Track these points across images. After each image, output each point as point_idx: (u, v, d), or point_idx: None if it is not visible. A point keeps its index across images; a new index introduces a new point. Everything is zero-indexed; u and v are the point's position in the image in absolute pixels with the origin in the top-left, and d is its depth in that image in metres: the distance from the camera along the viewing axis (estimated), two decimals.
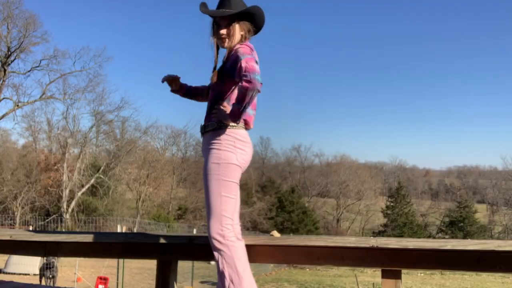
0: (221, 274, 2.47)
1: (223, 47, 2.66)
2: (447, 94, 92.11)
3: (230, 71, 2.53)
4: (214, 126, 2.57)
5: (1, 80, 36.14)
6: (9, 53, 35.99)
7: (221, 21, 2.62)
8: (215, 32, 2.66)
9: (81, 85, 39.54)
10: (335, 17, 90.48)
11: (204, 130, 2.64)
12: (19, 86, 37.52)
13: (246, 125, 2.65)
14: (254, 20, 2.67)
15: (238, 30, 2.62)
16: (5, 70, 36.03)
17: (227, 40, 2.63)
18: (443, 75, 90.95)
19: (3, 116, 37.25)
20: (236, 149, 2.55)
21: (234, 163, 2.53)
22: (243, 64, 2.37)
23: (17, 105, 37.25)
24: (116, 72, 75.97)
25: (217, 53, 2.72)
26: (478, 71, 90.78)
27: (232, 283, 2.43)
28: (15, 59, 36.75)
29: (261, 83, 2.34)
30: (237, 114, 2.45)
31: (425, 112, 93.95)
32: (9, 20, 35.33)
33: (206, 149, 2.61)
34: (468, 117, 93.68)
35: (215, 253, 2.50)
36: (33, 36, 36.26)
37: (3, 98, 36.82)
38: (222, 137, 2.56)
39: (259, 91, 2.36)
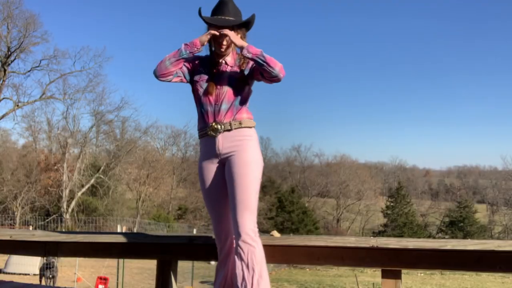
0: (248, 269, 2.48)
1: (221, 54, 2.69)
2: (447, 94, 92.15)
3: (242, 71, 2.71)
4: (246, 124, 2.68)
5: (1, 80, 36.13)
6: (9, 53, 35.98)
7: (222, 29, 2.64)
8: (216, 40, 2.66)
9: (81, 85, 39.54)
10: (335, 16, 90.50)
11: (233, 127, 2.64)
12: (19, 86, 37.53)
13: None
14: (248, 27, 2.75)
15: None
16: (5, 70, 36.02)
17: (225, 47, 2.66)
18: (443, 75, 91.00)
19: (3, 116, 37.25)
20: (259, 148, 2.74)
21: (262, 163, 2.67)
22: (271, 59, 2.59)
23: (17, 105, 37.25)
24: (116, 72, 76.02)
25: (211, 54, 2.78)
26: (478, 71, 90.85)
27: (261, 278, 2.49)
28: (15, 59, 36.75)
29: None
30: (255, 51, 2.54)
31: (425, 112, 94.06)
32: (9, 20, 35.33)
33: (239, 143, 2.63)
34: (468, 117, 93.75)
35: (245, 249, 2.49)
36: (33, 36, 36.27)
37: (3, 98, 36.82)
38: (253, 133, 2.71)
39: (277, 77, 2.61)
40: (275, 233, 2.92)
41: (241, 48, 2.57)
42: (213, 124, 2.63)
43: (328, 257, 2.74)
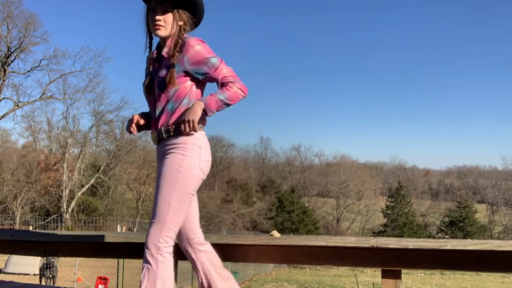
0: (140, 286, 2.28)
1: (156, 35, 2.39)
2: (447, 94, 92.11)
3: (192, 71, 2.34)
4: (177, 131, 2.33)
5: (1, 80, 36.14)
6: (9, 53, 36.00)
7: (157, 6, 2.34)
8: (150, 18, 2.37)
9: (81, 85, 39.60)
10: (335, 15, 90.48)
11: (165, 135, 2.35)
12: (19, 86, 37.58)
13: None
14: (194, 11, 2.44)
15: (176, 18, 2.37)
16: (5, 70, 36.03)
17: (162, 28, 2.34)
18: (443, 75, 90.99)
19: (3, 116, 37.27)
20: (200, 157, 2.34)
21: (197, 173, 2.34)
22: (228, 72, 2.34)
23: (17, 105, 37.27)
24: (116, 72, 75.96)
25: (151, 44, 2.48)
26: (478, 71, 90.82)
27: None
28: (15, 59, 36.79)
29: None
30: (216, 107, 2.29)
31: (425, 112, 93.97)
32: (9, 20, 35.36)
33: (166, 153, 2.35)
34: (468, 117, 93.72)
35: (143, 264, 2.29)
36: (33, 36, 36.31)
37: (3, 98, 36.85)
38: (188, 141, 2.33)
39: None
40: (275, 233, 2.91)
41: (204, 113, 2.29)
42: (151, 132, 2.44)
43: (328, 257, 2.74)
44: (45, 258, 14.18)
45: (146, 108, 2.58)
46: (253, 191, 51.02)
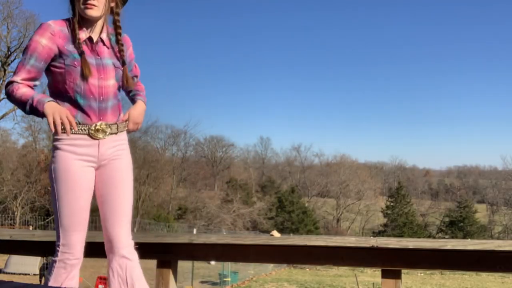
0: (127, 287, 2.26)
1: (86, 15, 2.13)
2: (447, 94, 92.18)
3: (125, 63, 2.26)
4: (126, 127, 2.36)
5: (1, 80, 36.15)
6: (9, 53, 36.02)
7: None
8: None
9: None
10: (335, 15, 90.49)
11: (117, 130, 2.29)
12: None
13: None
14: None
15: None
16: (5, 70, 36.05)
17: (95, 8, 2.12)
18: (443, 75, 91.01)
19: (3, 116, 37.28)
20: None
21: None
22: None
23: None
24: None
25: (77, 28, 2.15)
26: (478, 71, 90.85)
27: None
28: (15, 59, 36.79)
29: None
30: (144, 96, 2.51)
31: (425, 112, 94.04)
32: (9, 20, 35.38)
33: (118, 149, 2.34)
34: (468, 117, 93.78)
35: (123, 264, 2.30)
36: None
37: (3, 98, 36.85)
38: (127, 137, 2.43)
39: None
40: (275, 233, 2.91)
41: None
42: (99, 125, 2.18)
43: (328, 257, 2.74)
44: (45, 258, 14.17)
45: (146, 108, 2.52)
46: (253, 191, 51.07)
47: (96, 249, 3.17)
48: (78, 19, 2.15)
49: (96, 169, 2.28)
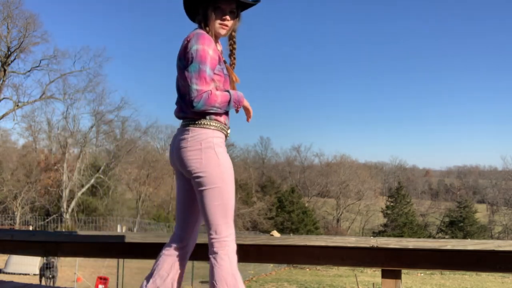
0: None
1: (218, 34, 2.35)
2: (447, 94, 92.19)
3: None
4: None
5: (1, 80, 36.15)
6: (9, 53, 36.01)
7: (225, 5, 2.31)
8: (217, 16, 2.31)
9: (81, 85, 39.63)
10: (335, 15, 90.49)
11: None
12: (19, 86, 37.60)
13: None
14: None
15: (237, 21, 2.38)
16: (5, 70, 36.04)
17: (227, 29, 2.35)
18: (443, 75, 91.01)
19: (3, 116, 37.26)
20: None
21: None
22: None
23: (17, 105, 37.27)
24: (116, 72, 75.95)
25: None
26: (478, 71, 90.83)
27: None
28: (15, 59, 36.81)
29: None
30: None
31: (425, 112, 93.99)
32: (9, 20, 35.37)
33: None
34: (468, 117, 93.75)
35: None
36: (33, 36, 36.33)
37: (3, 98, 36.85)
38: None
39: None
40: (275, 233, 2.91)
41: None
42: (229, 128, 2.47)
43: (328, 257, 2.74)
44: (45, 258, 14.18)
45: (146, 108, 2.55)
46: (253, 191, 51.01)
47: (96, 249, 3.18)
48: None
49: None
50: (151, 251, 3.02)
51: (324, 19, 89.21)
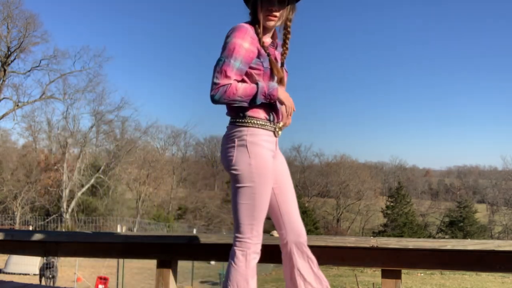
0: None
1: (267, 26, 2.29)
2: (447, 94, 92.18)
3: (283, 64, 2.41)
4: None
5: (1, 80, 36.15)
6: (9, 53, 36.02)
7: None
8: (264, 7, 2.25)
9: (81, 85, 39.67)
10: (335, 14, 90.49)
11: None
12: (19, 86, 37.63)
13: None
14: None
15: (287, 12, 2.32)
16: (5, 70, 36.05)
17: (276, 20, 2.28)
18: (443, 75, 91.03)
19: (3, 116, 37.27)
20: None
21: None
22: None
23: (17, 105, 37.28)
24: (116, 72, 76.01)
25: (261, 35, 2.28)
26: (478, 71, 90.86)
27: None
28: (15, 59, 36.82)
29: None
30: None
31: (425, 112, 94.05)
32: (9, 20, 35.38)
33: (278, 150, 2.46)
34: (468, 117, 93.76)
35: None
36: (33, 36, 36.36)
37: (3, 98, 36.86)
38: None
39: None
40: (275, 233, 2.91)
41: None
42: (280, 125, 2.38)
43: (328, 257, 2.74)
44: (45, 258, 14.17)
45: (146, 108, 2.54)
46: None
47: (96, 249, 3.18)
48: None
49: None
50: (151, 251, 3.03)
51: (324, 16, 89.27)
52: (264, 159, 2.27)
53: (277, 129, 2.35)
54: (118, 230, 28.42)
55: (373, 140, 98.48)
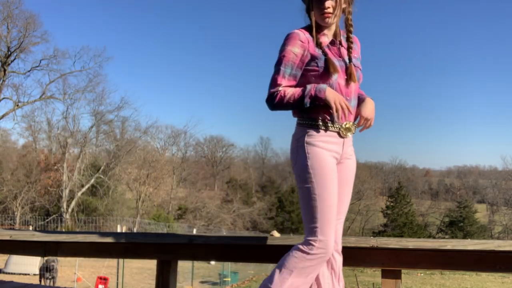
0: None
1: (324, 24, 2.26)
2: (447, 94, 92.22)
3: (351, 60, 2.31)
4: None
5: (1, 80, 36.16)
6: (9, 53, 36.02)
7: None
8: (316, 5, 2.22)
9: (81, 85, 39.66)
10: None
11: (355, 129, 2.36)
12: (19, 86, 37.64)
13: None
14: None
15: (341, 1, 2.24)
16: (5, 70, 36.05)
17: (331, 15, 2.23)
18: (443, 75, 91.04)
19: (3, 116, 37.27)
20: None
21: None
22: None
23: (17, 105, 37.29)
24: (116, 72, 76.01)
25: (316, 35, 2.26)
26: (478, 71, 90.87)
27: None
28: (15, 59, 36.83)
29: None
30: None
31: (425, 112, 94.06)
32: (9, 20, 35.38)
33: (350, 153, 2.41)
34: (468, 117, 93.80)
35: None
36: (33, 36, 36.36)
37: (3, 98, 36.86)
38: None
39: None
40: (275, 233, 2.92)
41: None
42: (348, 124, 2.29)
43: None
44: (45, 260, 14.17)
45: (146, 108, 2.54)
46: (253, 191, 51.05)
47: (96, 249, 3.18)
48: (316, 25, 2.25)
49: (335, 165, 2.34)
50: (151, 251, 3.02)
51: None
52: (321, 159, 2.22)
53: (342, 130, 2.28)
54: (118, 230, 28.45)
55: (373, 140, 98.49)
